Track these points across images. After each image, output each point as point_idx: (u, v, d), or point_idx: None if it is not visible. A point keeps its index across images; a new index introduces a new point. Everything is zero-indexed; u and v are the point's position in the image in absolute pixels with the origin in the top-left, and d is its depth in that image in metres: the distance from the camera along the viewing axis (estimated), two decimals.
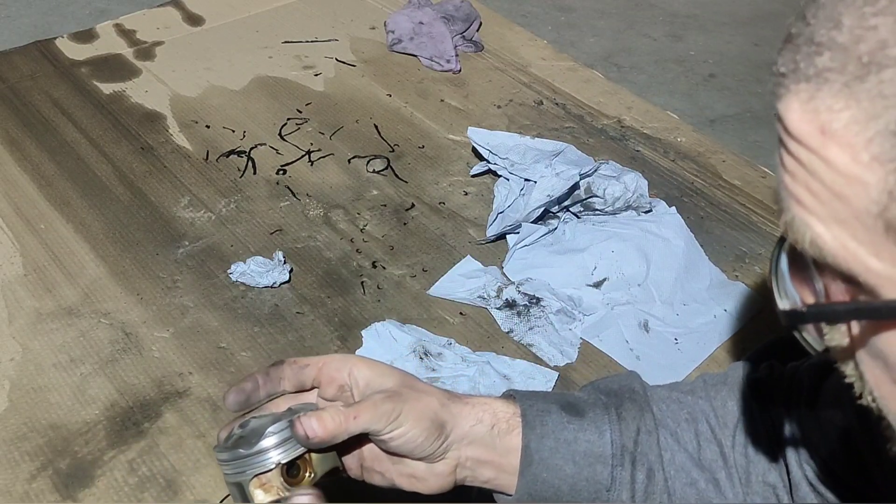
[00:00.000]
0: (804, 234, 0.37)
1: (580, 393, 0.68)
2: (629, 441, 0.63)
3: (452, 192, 1.23)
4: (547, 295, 1.04)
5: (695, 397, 0.68)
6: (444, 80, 1.46)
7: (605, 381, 0.69)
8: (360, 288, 1.07)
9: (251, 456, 0.56)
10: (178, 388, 0.94)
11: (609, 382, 0.68)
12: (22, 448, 0.87)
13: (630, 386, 0.67)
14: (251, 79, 1.44)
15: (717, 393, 0.68)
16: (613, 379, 0.69)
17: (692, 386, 0.70)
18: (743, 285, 1.08)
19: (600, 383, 0.69)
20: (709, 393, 0.68)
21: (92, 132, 1.30)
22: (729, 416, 0.66)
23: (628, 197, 1.13)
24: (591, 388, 0.68)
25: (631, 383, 0.67)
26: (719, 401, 0.67)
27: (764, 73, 2.14)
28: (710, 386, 0.69)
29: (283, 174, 1.24)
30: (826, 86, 0.34)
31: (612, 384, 0.68)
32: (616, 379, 0.69)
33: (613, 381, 0.68)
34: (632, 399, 0.65)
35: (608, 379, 0.70)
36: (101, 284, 1.05)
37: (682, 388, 0.69)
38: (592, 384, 0.69)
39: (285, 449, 0.57)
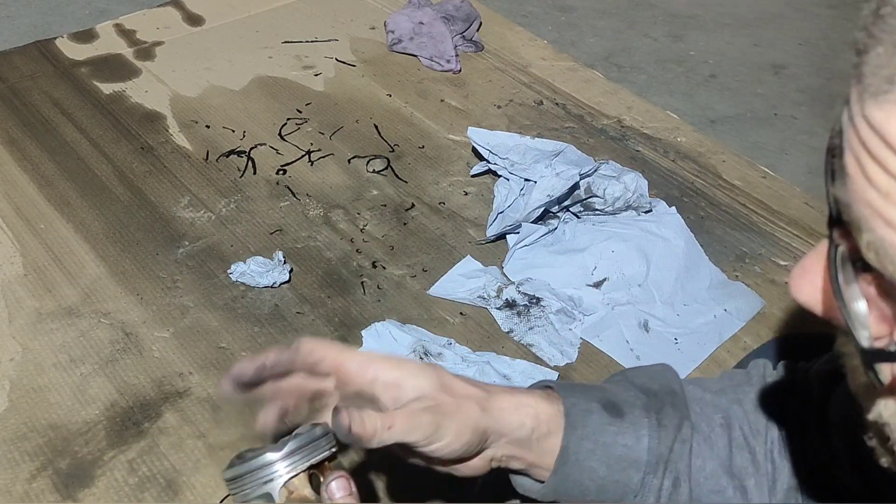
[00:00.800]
0: (894, 258, 0.33)
1: (618, 387, 0.65)
2: (665, 449, 0.61)
3: (452, 192, 1.23)
4: (547, 295, 1.04)
5: (728, 400, 0.66)
6: (444, 80, 1.46)
7: (641, 374, 0.67)
8: (360, 288, 1.07)
9: (278, 462, 0.56)
10: (178, 388, 0.94)
11: (648, 379, 0.66)
12: (22, 448, 0.87)
13: (670, 387, 0.65)
14: (251, 79, 1.44)
15: (745, 395, 0.66)
16: (651, 374, 0.67)
17: (721, 385, 0.68)
18: (743, 285, 1.08)
19: (637, 378, 0.66)
20: (738, 395, 0.66)
21: (92, 132, 1.30)
22: (760, 422, 0.65)
23: (628, 197, 1.13)
24: (628, 383, 0.66)
25: (670, 383, 0.65)
26: (749, 404, 0.66)
27: (765, 74, 2.14)
28: (737, 387, 0.67)
29: (283, 174, 1.24)
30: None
31: (652, 382, 0.65)
32: (654, 374, 0.66)
33: (653, 379, 0.66)
34: (673, 404, 0.63)
35: (644, 372, 0.67)
36: (101, 284, 1.05)
37: (712, 388, 0.67)
38: (626, 377, 0.67)
39: (304, 455, 0.56)
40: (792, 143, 1.91)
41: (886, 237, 0.33)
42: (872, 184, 0.33)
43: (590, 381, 0.71)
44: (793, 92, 2.09)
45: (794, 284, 0.40)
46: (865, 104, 0.32)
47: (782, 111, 2.01)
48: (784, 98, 2.06)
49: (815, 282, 0.39)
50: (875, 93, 0.32)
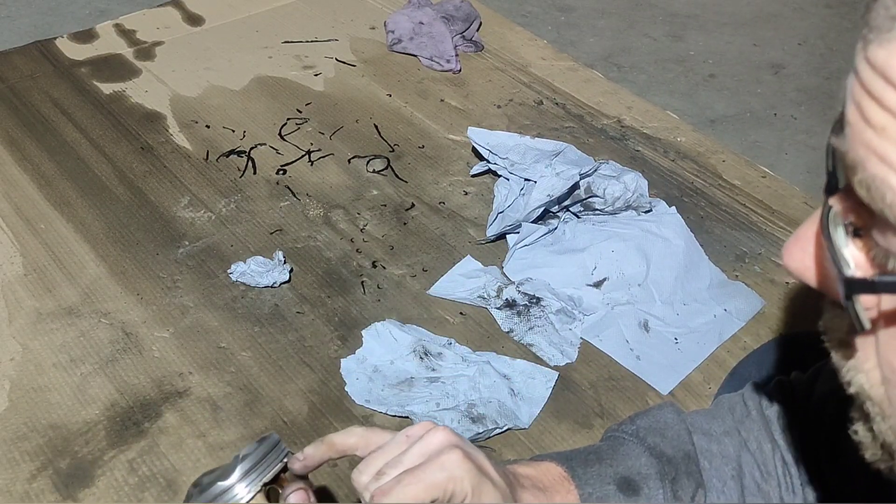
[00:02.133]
0: (884, 194, 0.34)
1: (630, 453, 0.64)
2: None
3: (452, 192, 1.23)
4: (547, 295, 1.04)
5: (735, 445, 0.66)
6: (444, 80, 1.46)
7: (652, 430, 0.65)
8: (360, 288, 1.07)
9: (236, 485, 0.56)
10: (179, 387, 0.94)
11: (661, 439, 0.64)
12: (22, 448, 0.87)
13: (684, 449, 0.64)
14: (251, 79, 1.44)
15: (749, 433, 0.66)
16: (662, 429, 0.65)
17: (724, 426, 0.67)
18: (743, 285, 1.08)
19: (649, 436, 0.64)
20: (743, 436, 0.66)
21: (92, 132, 1.30)
22: (769, 463, 0.65)
23: (628, 197, 1.13)
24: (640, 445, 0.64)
25: (683, 444, 0.64)
26: (754, 443, 0.66)
27: (764, 73, 2.14)
28: (740, 423, 0.67)
29: (283, 174, 1.24)
30: None
31: (665, 444, 0.64)
32: (665, 431, 0.65)
33: (665, 438, 0.64)
34: (687, 472, 0.63)
35: (654, 425, 0.66)
36: (101, 284, 1.05)
37: (717, 431, 0.67)
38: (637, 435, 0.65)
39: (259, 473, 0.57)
40: (791, 142, 1.91)
41: (878, 173, 0.34)
42: (869, 123, 0.34)
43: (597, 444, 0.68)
44: (791, 91, 2.09)
45: (787, 252, 0.41)
46: (869, 47, 0.34)
47: (781, 111, 2.01)
48: (783, 98, 2.07)
49: (807, 249, 0.40)
50: (879, 32, 0.33)
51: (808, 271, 0.40)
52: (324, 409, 0.92)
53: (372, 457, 0.57)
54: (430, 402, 0.91)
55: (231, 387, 0.94)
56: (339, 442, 0.60)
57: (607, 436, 0.69)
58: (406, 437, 0.57)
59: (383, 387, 0.94)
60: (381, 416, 0.92)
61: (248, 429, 0.90)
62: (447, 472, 0.54)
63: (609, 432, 0.70)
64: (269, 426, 0.90)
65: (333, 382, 0.95)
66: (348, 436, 0.60)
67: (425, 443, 0.56)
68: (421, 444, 0.56)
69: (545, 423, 0.92)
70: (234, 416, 0.91)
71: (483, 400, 0.91)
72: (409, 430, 0.58)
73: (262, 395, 0.93)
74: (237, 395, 0.93)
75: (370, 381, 0.94)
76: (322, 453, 0.59)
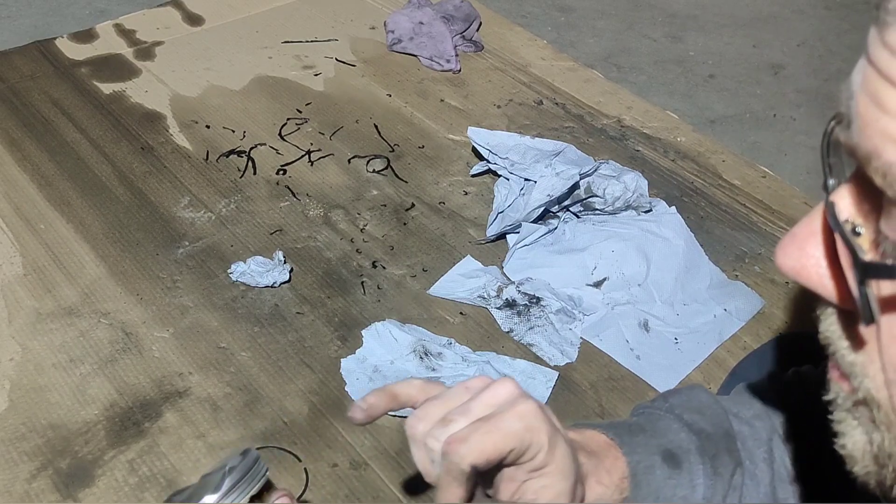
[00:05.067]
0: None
1: (670, 428, 0.63)
2: (720, 498, 0.60)
3: (452, 192, 1.23)
4: (547, 295, 1.04)
5: (766, 429, 0.65)
6: (444, 80, 1.46)
7: (688, 407, 0.64)
8: (360, 288, 1.07)
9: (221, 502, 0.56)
10: (178, 388, 0.94)
11: (698, 416, 0.63)
12: (22, 448, 0.87)
13: (723, 427, 0.63)
14: (251, 79, 1.44)
15: (777, 419, 0.66)
16: (697, 407, 0.64)
17: (753, 409, 0.67)
18: (743, 285, 1.08)
19: (685, 413, 0.63)
20: (772, 421, 0.66)
21: (92, 132, 1.30)
22: (796, 451, 0.64)
23: (628, 197, 1.13)
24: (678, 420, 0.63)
25: (722, 422, 0.63)
26: (781, 429, 0.65)
27: (763, 74, 2.14)
28: (769, 410, 0.66)
29: (283, 174, 1.24)
30: None
31: (704, 421, 0.63)
32: (702, 409, 0.64)
33: (703, 415, 0.63)
34: (728, 449, 0.62)
35: (688, 402, 0.64)
36: (101, 284, 1.05)
37: (746, 415, 0.66)
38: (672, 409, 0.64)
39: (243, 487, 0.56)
40: (790, 143, 1.91)
41: (895, 159, 0.33)
42: (885, 110, 0.34)
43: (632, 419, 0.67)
44: (791, 92, 2.09)
45: (783, 251, 0.39)
46: (887, 31, 0.33)
47: (781, 112, 2.02)
48: (782, 98, 2.07)
49: (803, 248, 0.39)
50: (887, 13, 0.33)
51: (804, 270, 0.39)
52: (324, 409, 0.92)
53: (430, 404, 0.53)
54: None
55: (231, 387, 0.94)
56: (400, 391, 0.56)
57: (639, 412, 0.67)
58: (466, 388, 0.54)
59: None
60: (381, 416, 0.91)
61: (248, 429, 0.90)
62: (525, 422, 0.51)
63: (639, 409, 0.68)
64: (269, 426, 0.90)
65: (333, 382, 0.95)
66: (409, 386, 0.57)
67: (493, 392, 0.53)
68: (489, 392, 0.53)
69: None
70: (234, 416, 0.91)
71: None
72: (468, 383, 0.55)
73: (262, 396, 0.93)
74: (237, 395, 0.93)
75: (370, 382, 0.94)
76: (385, 403, 0.56)
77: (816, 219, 0.39)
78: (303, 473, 0.85)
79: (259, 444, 0.88)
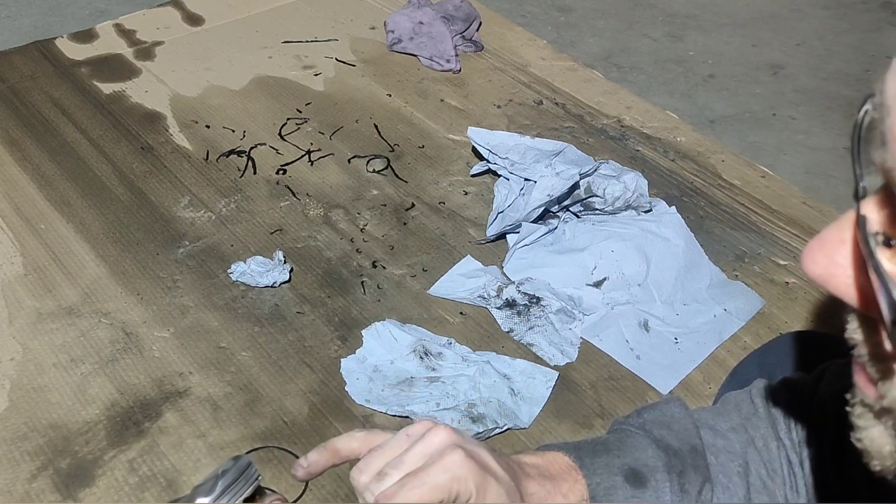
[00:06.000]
0: None
1: (637, 445, 0.64)
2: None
3: (452, 192, 1.23)
4: (547, 294, 1.04)
5: (742, 442, 0.65)
6: (443, 80, 1.46)
7: (658, 423, 0.65)
8: (360, 288, 1.07)
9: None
10: (179, 387, 0.94)
11: (667, 431, 0.64)
12: (22, 448, 0.87)
13: (691, 443, 0.63)
14: (251, 79, 1.44)
15: (756, 431, 0.66)
16: (668, 422, 0.65)
17: (730, 422, 0.67)
18: (743, 285, 1.08)
19: (655, 428, 0.64)
20: (750, 433, 0.66)
21: (92, 132, 1.30)
22: (774, 462, 0.65)
23: (628, 196, 1.13)
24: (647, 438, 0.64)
25: (690, 437, 0.64)
26: (760, 441, 0.65)
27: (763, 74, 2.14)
28: (747, 421, 0.67)
29: (283, 174, 1.24)
30: None
31: (672, 437, 0.64)
32: (672, 424, 0.65)
33: (672, 431, 0.64)
34: (694, 465, 0.62)
35: (660, 418, 0.65)
36: (101, 284, 1.05)
37: (723, 427, 0.66)
38: (644, 427, 0.65)
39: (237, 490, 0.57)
40: (790, 143, 1.91)
41: None
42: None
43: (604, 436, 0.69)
44: (790, 92, 2.09)
45: (810, 257, 0.37)
46: None
47: (780, 111, 2.02)
48: (782, 98, 2.07)
49: (832, 256, 0.37)
50: None
51: (833, 279, 0.37)
52: (324, 409, 0.92)
53: (372, 455, 0.56)
54: (431, 402, 0.91)
55: (231, 387, 0.94)
56: (342, 447, 0.59)
57: (613, 428, 0.68)
58: (406, 436, 0.57)
59: (383, 387, 0.94)
60: (381, 416, 0.92)
61: (249, 429, 0.90)
62: (450, 473, 0.54)
63: (615, 425, 0.69)
64: (269, 426, 0.90)
65: (333, 382, 0.95)
66: (350, 440, 0.59)
67: (426, 442, 0.55)
68: (422, 443, 0.55)
69: (545, 423, 0.92)
70: (234, 416, 0.91)
71: (483, 399, 0.91)
72: (410, 429, 0.57)
73: (262, 395, 0.93)
74: (237, 395, 0.93)
75: (370, 381, 0.94)
76: (326, 459, 0.58)
77: (847, 227, 0.37)
78: None
79: (259, 443, 0.88)
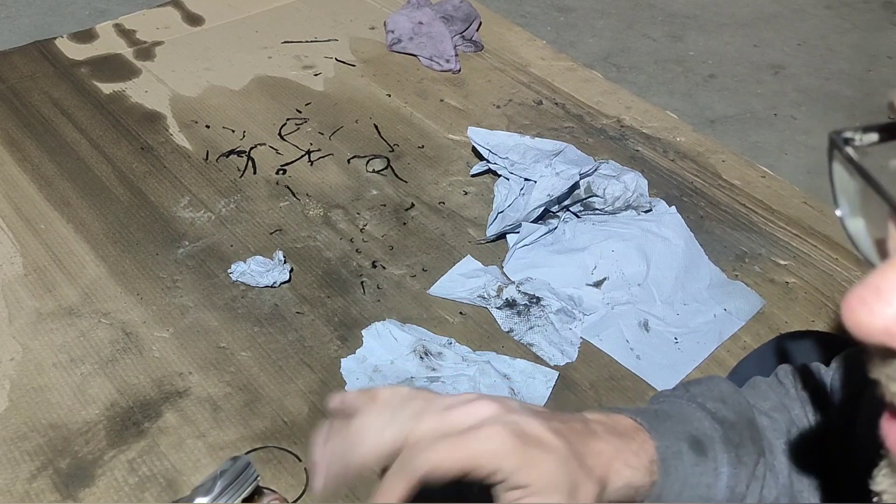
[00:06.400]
0: None
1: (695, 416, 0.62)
2: (743, 487, 0.60)
3: (452, 192, 1.23)
4: (547, 294, 1.04)
5: (785, 419, 0.66)
6: (443, 80, 1.46)
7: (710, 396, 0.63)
8: (360, 288, 1.07)
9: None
10: (179, 387, 0.94)
11: (721, 405, 0.63)
12: (22, 448, 0.87)
13: (747, 416, 0.63)
14: (251, 79, 1.44)
15: (793, 412, 0.66)
16: (720, 396, 0.64)
17: (769, 401, 0.67)
18: (743, 285, 1.08)
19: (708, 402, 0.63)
20: (790, 414, 0.66)
21: (92, 132, 1.30)
22: (813, 443, 0.65)
23: (628, 196, 1.13)
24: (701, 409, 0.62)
25: (745, 411, 0.63)
26: (801, 421, 0.65)
27: (763, 74, 2.14)
28: (784, 401, 0.67)
29: (283, 174, 1.24)
30: None
31: (727, 410, 0.62)
32: (724, 397, 0.64)
33: (726, 404, 0.63)
34: (752, 438, 0.62)
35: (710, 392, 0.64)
36: (101, 284, 1.05)
37: (764, 406, 0.66)
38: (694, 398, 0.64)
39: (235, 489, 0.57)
40: (791, 142, 1.91)
41: None
42: None
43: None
44: (791, 92, 2.09)
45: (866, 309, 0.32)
46: None
47: (781, 111, 2.02)
48: (783, 98, 2.07)
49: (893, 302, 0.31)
50: None
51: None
52: (324, 409, 0.92)
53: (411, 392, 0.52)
54: None
55: (231, 387, 0.94)
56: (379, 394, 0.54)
57: (660, 401, 0.66)
58: (451, 397, 0.53)
59: None
60: None
61: (248, 429, 0.90)
62: (491, 447, 0.49)
63: (660, 397, 0.67)
64: (269, 426, 0.90)
65: (333, 382, 0.95)
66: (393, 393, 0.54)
67: (468, 411, 0.51)
68: (470, 406, 0.51)
69: None
70: (234, 416, 0.91)
71: None
72: (450, 398, 0.53)
73: (262, 395, 0.93)
74: (237, 395, 0.93)
75: (370, 381, 0.94)
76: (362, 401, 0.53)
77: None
78: (303, 473, 0.85)
79: (259, 443, 0.88)
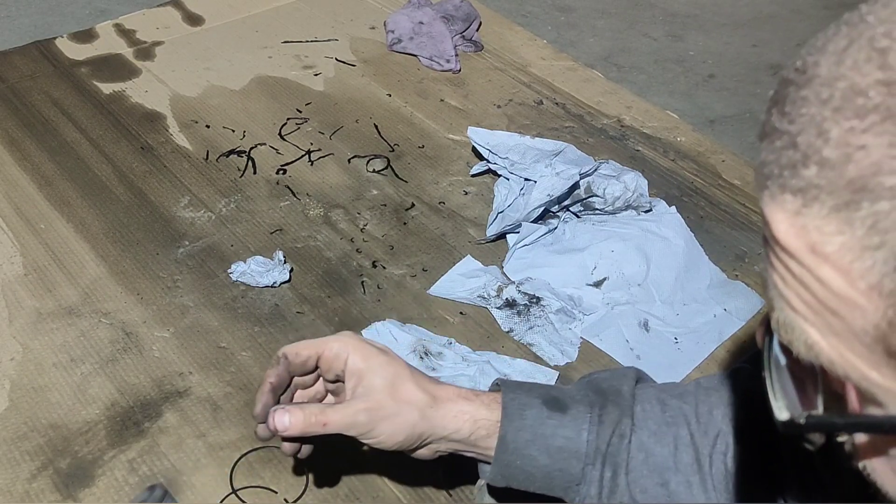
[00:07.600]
0: (799, 336, 0.35)
1: (573, 387, 0.72)
2: (603, 443, 0.67)
3: (452, 192, 1.23)
4: (547, 294, 1.04)
5: (682, 402, 0.70)
6: (443, 80, 1.46)
7: (600, 375, 0.73)
8: (360, 287, 1.07)
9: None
10: (179, 387, 0.94)
11: (602, 380, 0.72)
12: (22, 448, 0.87)
13: (618, 387, 0.70)
14: (251, 79, 1.44)
15: (706, 397, 0.70)
16: (609, 375, 0.73)
17: (684, 389, 0.72)
18: (743, 285, 1.08)
19: (596, 378, 0.73)
20: (698, 398, 0.70)
21: (92, 132, 1.30)
22: (711, 425, 0.68)
23: (628, 196, 1.13)
24: (586, 382, 0.72)
25: (620, 385, 0.71)
26: (705, 406, 0.69)
27: (762, 74, 2.14)
28: (703, 390, 0.71)
29: (283, 174, 1.24)
30: (815, 204, 0.32)
31: (604, 382, 0.71)
32: (611, 376, 0.73)
33: (606, 379, 0.72)
34: (615, 402, 0.69)
35: (605, 374, 0.73)
36: (101, 284, 1.05)
37: (673, 391, 0.72)
38: (590, 377, 0.73)
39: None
40: None
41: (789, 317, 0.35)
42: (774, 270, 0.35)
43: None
44: None
45: None
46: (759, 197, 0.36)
47: None
48: None
49: None
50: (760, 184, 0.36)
51: None
52: None
53: None
54: None
55: (231, 387, 0.94)
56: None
57: None
58: None
59: None
60: None
61: (249, 429, 0.90)
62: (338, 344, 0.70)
63: None
64: None
65: None
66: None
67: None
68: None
69: None
70: (234, 416, 0.91)
71: None
72: None
73: None
74: (237, 395, 0.93)
75: None
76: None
77: None
78: (303, 473, 0.85)
79: (259, 443, 0.88)
